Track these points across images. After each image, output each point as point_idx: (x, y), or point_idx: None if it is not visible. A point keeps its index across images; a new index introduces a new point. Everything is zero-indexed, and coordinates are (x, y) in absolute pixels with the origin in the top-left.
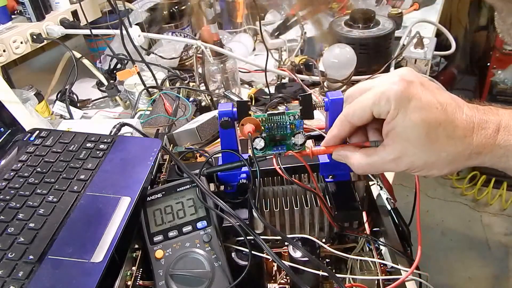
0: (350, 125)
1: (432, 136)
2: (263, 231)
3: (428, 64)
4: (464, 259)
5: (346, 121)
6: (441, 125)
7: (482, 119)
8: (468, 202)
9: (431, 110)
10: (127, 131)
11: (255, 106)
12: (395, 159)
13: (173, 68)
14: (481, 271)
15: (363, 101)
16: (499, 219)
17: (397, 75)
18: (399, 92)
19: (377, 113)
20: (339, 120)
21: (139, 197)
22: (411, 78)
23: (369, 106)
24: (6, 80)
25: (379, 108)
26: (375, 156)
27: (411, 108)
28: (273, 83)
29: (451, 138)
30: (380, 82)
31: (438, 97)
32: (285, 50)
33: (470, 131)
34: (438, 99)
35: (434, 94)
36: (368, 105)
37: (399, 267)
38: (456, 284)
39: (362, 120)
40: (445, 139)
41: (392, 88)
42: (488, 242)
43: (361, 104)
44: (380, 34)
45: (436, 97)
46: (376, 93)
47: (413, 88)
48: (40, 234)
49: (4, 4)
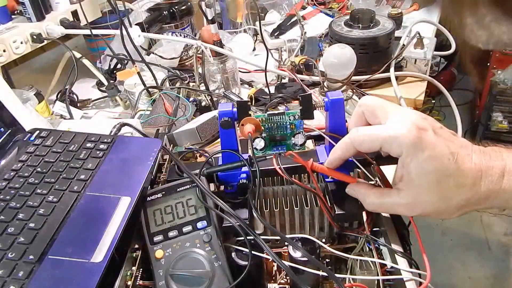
0: (355, 151)
1: (444, 185)
2: (263, 231)
3: (428, 64)
4: (464, 259)
5: (352, 146)
6: (452, 175)
7: (488, 166)
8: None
9: (443, 160)
10: (127, 131)
11: (255, 106)
12: (408, 204)
13: (173, 68)
14: (481, 271)
15: (374, 135)
16: (499, 219)
17: (410, 121)
18: (412, 141)
19: (386, 152)
20: (344, 143)
21: (139, 197)
22: (425, 126)
23: (379, 142)
24: (6, 80)
25: (389, 149)
26: (388, 198)
27: (424, 157)
28: (273, 83)
29: (461, 187)
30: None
31: (450, 145)
32: (285, 50)
33: (479, 179)
34: (450, 148)
35: (446, 142)
36: (378, 141)
37: (399, 267)
38: (456, 284)
39: (369, 150)
40: (455, 188)
41: (404, 135)
42: (488, 242)
43: (371, 138)
44: (380, 34)
45: (448, 146)
46: (389, 134)
47: (427, 137)
48: (40, 234)
49: (4, 4)
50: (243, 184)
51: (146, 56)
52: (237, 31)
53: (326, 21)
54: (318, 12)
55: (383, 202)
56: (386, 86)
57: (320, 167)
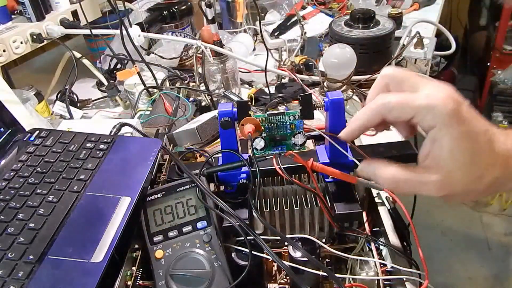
0: (380, 119)
1: (477, 164)
2: (263, 231)
3: (428, 64)
4: (464, 259)
5: (378, 114)
6: (486, 153)
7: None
8: (468, 202)
9: (479, 138)
10: (127, 131)
11: (255, 106)
12: (437, 183)
13: (173, 68)
14: (481, 271)
15: (407, 103)
16: (499, 219)
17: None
18: (449, 114)
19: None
20: (370, 109)
21: (139, 197)
22: (460, 99)
23: (412, 111)
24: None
25: (422, 120)
26: (414, 174)
27: (460, 132)
28: (273, 83)
29: (493, 166)
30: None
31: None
32: (285, 50)
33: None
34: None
35: (479, 119)
36: (411, 110)
37: (399, 267)
38: (456, 284)
39: (396, 119)
40: (488, 167)
41: (442, 106)
42: (488, 242)
43: (403, 105)
44: (380, 34)
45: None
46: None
47: (463, 111)
48: (40, 234)
49: (4, 4)
50: (243, 184)
51: (146, 56)
52: (237, 31)
53: (326, 21)
54: (318, 12)
55: (408, 178)
56: None
57: (320, 166)
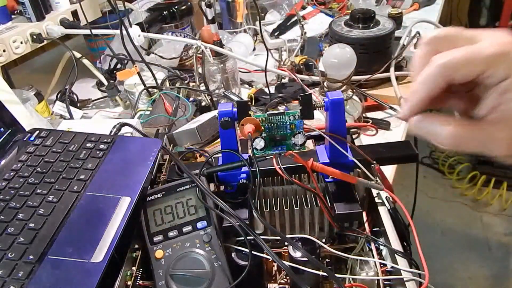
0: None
1: None
2: (263, 231)
3: None
4: (464, 259)
5: (442, 77)
6: None
7: None
8: (468, 202)
9: None
10: (127, 131)
11: (255, 106)
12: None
13: (173, 68)
14: (481, 271)
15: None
16: (499, 219)
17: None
18: None
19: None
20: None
21: (139, 197)
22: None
23: (482, 64)
24: (6, 80)
25: (494, 73)
26: (480, 131)
27: None
28: (273, 83)
29: None
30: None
31: None
32: (285, 50)
33: None
34: None
35: None
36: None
37: (399, 267)
38: (456, 284)
39: (465, 79)
40: None
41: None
42: (488, 242)
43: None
44: (380, 34)
45: None
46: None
47: None
48: (40, 234)
49: (4, 4)
50: (243, 184)
51: (146, 56)
52: (237, 31)
53: (326, 21)
54: (318, 12)
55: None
56: (386, 86)
57: (320, 166)
